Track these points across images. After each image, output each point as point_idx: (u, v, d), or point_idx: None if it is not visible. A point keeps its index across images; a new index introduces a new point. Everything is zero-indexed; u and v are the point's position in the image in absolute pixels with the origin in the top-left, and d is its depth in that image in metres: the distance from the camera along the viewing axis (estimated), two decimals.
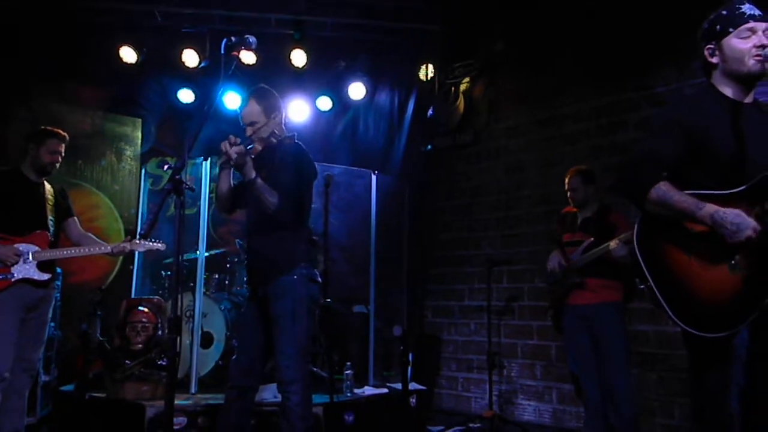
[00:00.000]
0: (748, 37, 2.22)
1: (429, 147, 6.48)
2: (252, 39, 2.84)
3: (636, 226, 2.23)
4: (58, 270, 4.29)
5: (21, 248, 3.66)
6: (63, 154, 3.91)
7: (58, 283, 4.85)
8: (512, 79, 6.05)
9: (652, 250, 2.19)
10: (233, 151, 3.10)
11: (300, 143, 3.35)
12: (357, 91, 6.44)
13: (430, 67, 6.37)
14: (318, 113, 6.65)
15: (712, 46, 2.29)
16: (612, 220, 4.01)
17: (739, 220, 2.06)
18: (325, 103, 6.60)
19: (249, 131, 3.33)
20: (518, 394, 5.63)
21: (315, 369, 5.07)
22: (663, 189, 2.16)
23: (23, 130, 4.05)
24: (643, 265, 2.17)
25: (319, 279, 3.43)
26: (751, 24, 2.22)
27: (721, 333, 2.06)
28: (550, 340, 5.36)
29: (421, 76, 6.43)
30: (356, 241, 5.62)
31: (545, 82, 5.72)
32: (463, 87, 6.33)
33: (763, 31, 2.21)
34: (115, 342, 4.64)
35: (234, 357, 3.39)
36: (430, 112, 6.37)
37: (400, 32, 6.05)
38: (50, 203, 3.88)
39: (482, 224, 6.11)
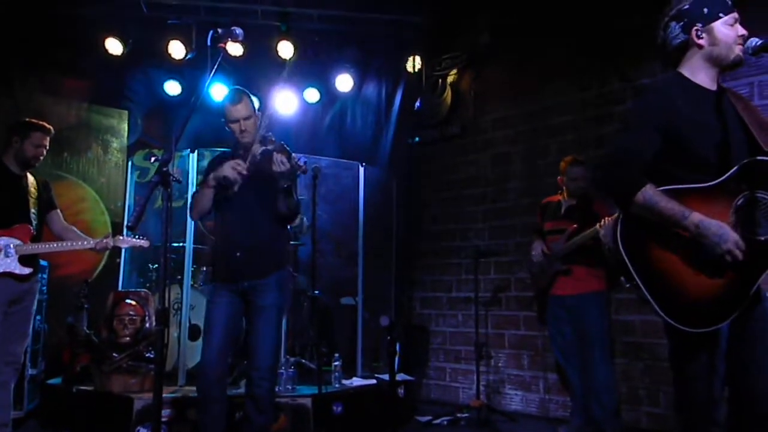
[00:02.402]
0: (733, 25, 2.24)
1: (416, 139, 6.49)
2: (239, 30, 2.86)
3: (619, 226, 2.22)
4: (43, 263, 4.27)
5: (2, 242, 3.61)
6: (47, 148, 3.86)
7: (44, 276, 4.83)
8: (499, 71, 6.07)
9: (636, 249, 2.19)
10: (287, 165, 3.21)
11: (283, 142, 3.42)
12: (344, 83, 6.44)
13: (417, 59, 6.38)
14: (305, 105, 6.63)
15: (699, 27, 2.25)
16: (595, 209, 4.05)
17: (722, 232, 2.07)
18: (312, 95, 6.59)
19: (247, 124, 3.42)
20: (505, 384, 5.67)
21: (303, 360, 5.10)
22: (650, 193, 2.14)
23: (6, 122, 3.98)
24: (628, 263, 2.17)
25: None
26: (735, 14, 2.25)
27: (705, 328, 2.11)
28: (536, 330, 5.40)
29: (409, 68, 6.44)
30: (344, 233, 5.64)
31: (532, 74, 5.74)
32: (450, 79, 6.34)
33: (741, 23, 2.26)
34: (102, 335, 4.63)
35: (209, 356, 3.33)
36: (417, 104, 6.39)
37: (387, 24, 6.04)
38: (33, 196, 3.82)
39: (469, 216, 6.13)
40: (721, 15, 2.24)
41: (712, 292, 2.13)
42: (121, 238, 3.90)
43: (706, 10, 2.25)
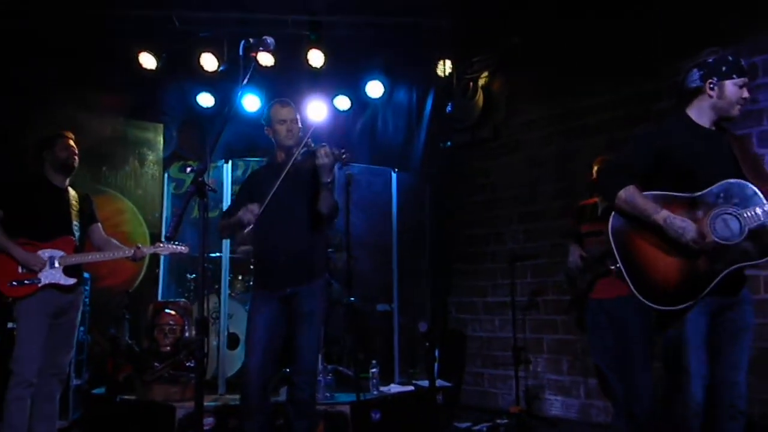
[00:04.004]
0: (742, 87, 2.70)
1: (448, 143, 6.46)
2: (270, 40, 2.87)
3: (610, 219, 2.76)
4: (86, 275, 4.35)
5: (47, 253, 3.69)
6: (77, 150, 3.92)
7: (86, 288, 4.92)
8: (530, 72, 5.99)
9: (622, 238, 2.73)
10: (331, 156, 3.24)
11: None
12: (375, 89, 6.44)
13: (448, 62, 6.35)
14: (336, 113, 6.65)
15: (714, 81, 2.70)
16: None
17: (684, 224, 2.57)
18: (343, 102, 6.60)
19: (294, 127, 3.48)
20: (545, 389, 5.59)
21: (341, 368, 5.09)
22: (630, 191, 2.68)
23: None
24: (615, 250, 2.72)
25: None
26: (746, 79, 2.72)
27: (673, 306, 2.60)
28: (575, 334, 5.31)
29: (439, 72, 6.41)
30: (378, 239, 5.62)
31: (564, 74, 5.66)
32: (481, 82, 6.29)
33: (748, 89, 2.72)
34: (143, 345, 4.70)
35: (252, 364, 3.35)
36: (448, 108, 6.35)
37: (416, 29, 6.01)
38: (75, 209, 3.90)
39: (504, 219, 6.07)
40: (734, 76, 2.69)
41: (678, 279, 2.61)
42: (161, 245, 3.98)
43: (724, 68, 2.70)
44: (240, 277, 5.43)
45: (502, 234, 6.08)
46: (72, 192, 3.94)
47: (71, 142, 3.90)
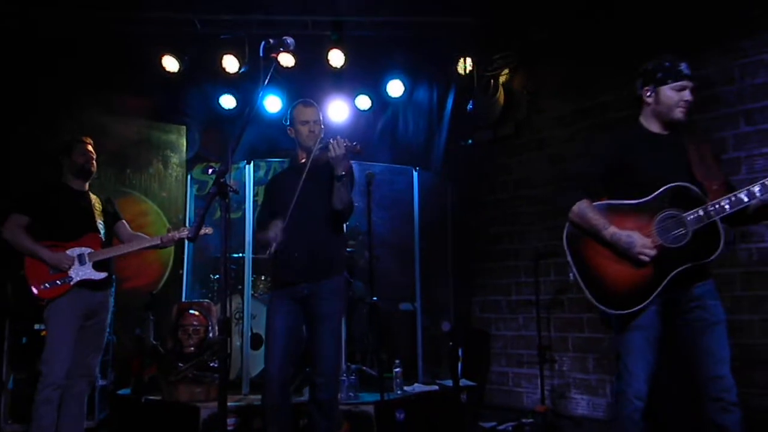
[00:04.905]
0: (680, 91, 2.77)
1: (470, 141, 6.41)
2: (290, 40, 2.89)
3: (565, 229, 2.91)
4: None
5: (75, 251, 3.75)
6: (95, 155, 3.97)
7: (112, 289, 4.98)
8: (552, 68, 5.93)
9: (576, 248, 2.85)
10: (343, 147, 3.27)
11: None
12: (395, 88, 6.42)
13: (468, 60, 6.29)
14: (357, 112, 6.65)
15: (650, 89, 2.83)
16: None
17: (629, 240, 2.69)
18: (363, 102, 6.59)
19: (316, 128, 3.49)
20: (571, 388, 5.53)
21: (364, 368, 5.08)
22: (582, 205, 2.84)
23: None
24: (570, 258, 2.85)
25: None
26: (685, 82, 2.77)
27: (624, 310, 2.71)
28: (601, 332, 5.25)
29: (460, 69, 6.35)
30: (400, 239, 5.61)
31: (586, 69, 5.59)
32: (502, 79, 6.24)
33: (690, 90, 2.78)
34: (168, 345, 4.73)
35: (272, 366, 3.36)
36: (469, 105, 6.30)
37: (436, 27, 5.99)
38: (98, 210, 3.96)
39: (527, 217, 6.02)
40: (669, 81, 2.78)
41: (630, 283, 2.72)
42: (185, 229, 4.09)
43: (660, 75, 2.81)
44: (263, 278, 5.45)
45: (525, 232, 6.02)
46: (92, 196, 4.01)
47: (89, 148, 3.95)
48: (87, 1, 5.39)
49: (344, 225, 3.66)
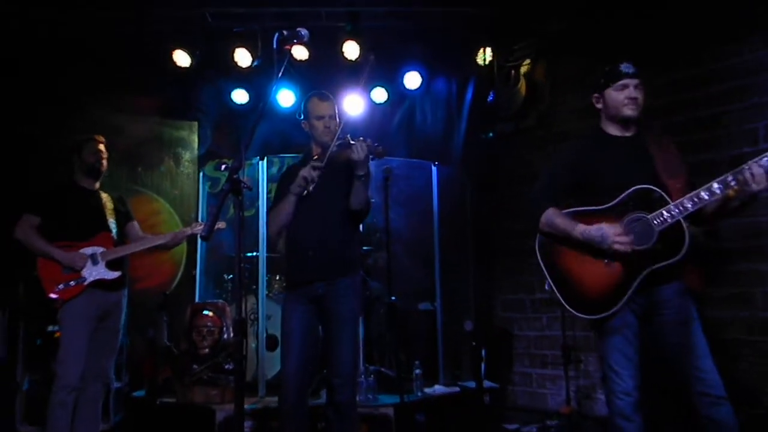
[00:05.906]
0: (623, 89, 2.88)
1: (490, 134, 6.24)
2: (304, 32, 2.84)
3: (537, 240, 2.98)
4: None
5: (88, 251, 3.74)
6: (105, 153, 3.96)
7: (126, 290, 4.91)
8: (575, 57, 5.73)
9: (549, 258, 2.92)
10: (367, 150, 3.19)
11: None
12: (412, 80, 6.25)
13: (488, 50, 6.10)
14: (373, 105, 6.49)
15: (597, 95, 2.97)
16: None
17: (600, 232, 2.73)
18: (380, 94, 6.43)
19: (332, 123, 3.39)
20: (596, 389, 5.35)
21: (383, 369, 4.98)
22: (549, 214, 2.89)
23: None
24: (543, 267, 2.93)
25: None
26: (626, 80, 2.88)
27: (599, 314, 2.77)
28: None
29: (479, 60, 6.17)
30: (419, 236, 5.49)
31: (611, 58, 5.37)
32: (523, 69, 6.05)
33: (634, 87, 2.87)
34: (182, 347, 4.68)
35: (289, 367, 3.29)
36: (489, 97, 6.13)
37: (454, 17, 5.83)
38: (109, 209, 3.95)
39: None
40: (610, 84, 2.91)
41: (604, 286, 2.76)
42: (197, 225, 4.11)
43: (602, 80, 2.95)
44: (278, 277, 5.36)
45: None
46: (104, 195, 4.00)
47: (101, 147, 3.96)
48: (98, 1, 5.31)
49: (360, 224, 3.59)
